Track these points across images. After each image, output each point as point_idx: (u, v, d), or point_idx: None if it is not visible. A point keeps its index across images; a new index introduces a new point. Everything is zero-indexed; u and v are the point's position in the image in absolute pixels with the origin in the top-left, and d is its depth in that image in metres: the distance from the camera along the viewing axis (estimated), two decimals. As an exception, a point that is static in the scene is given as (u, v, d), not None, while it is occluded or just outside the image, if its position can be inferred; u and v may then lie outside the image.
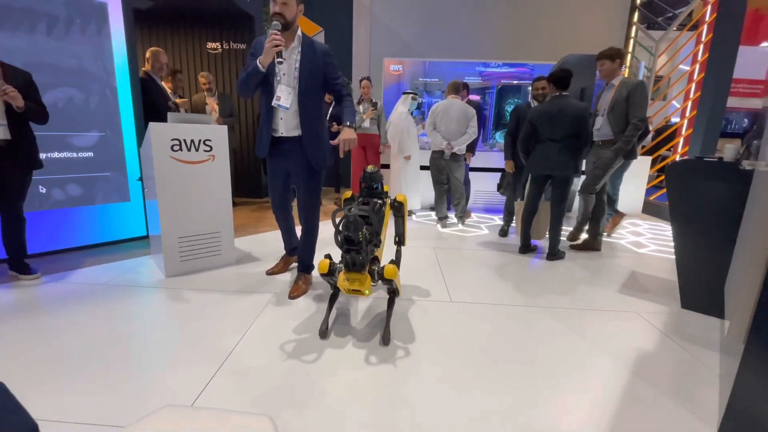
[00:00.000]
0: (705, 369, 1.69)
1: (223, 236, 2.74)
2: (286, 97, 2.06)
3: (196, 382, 1.50)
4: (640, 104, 3.01)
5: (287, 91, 2.06)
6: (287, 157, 2.20)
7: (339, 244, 1.68)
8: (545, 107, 3.12)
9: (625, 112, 3.07)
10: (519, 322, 2.07)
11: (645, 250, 3.56)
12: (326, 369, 1.60)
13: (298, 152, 2.17)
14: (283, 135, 2.14)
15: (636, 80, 3.09)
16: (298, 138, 2.15)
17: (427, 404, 1.41)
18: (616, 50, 3.17)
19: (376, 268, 1.76)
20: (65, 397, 1.40)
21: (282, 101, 2.05)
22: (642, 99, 3.01)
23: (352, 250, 1.68)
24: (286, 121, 2.12)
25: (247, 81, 2.01)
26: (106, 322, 1.95)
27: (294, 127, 2.14)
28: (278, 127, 2.13)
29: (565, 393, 1.50)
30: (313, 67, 2.09)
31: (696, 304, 2.27)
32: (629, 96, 3.03)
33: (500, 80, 5.93)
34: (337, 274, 1.77)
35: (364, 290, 1.69)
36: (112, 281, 2.46)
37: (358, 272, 1.72)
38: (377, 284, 1.81)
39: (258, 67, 1.96)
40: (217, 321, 1.98)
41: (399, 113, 4.56)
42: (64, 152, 2.86)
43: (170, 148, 2.43)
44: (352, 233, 1.63)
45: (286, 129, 2.13)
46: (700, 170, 2.16)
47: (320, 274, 1.78)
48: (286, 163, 2.22)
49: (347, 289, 1.71)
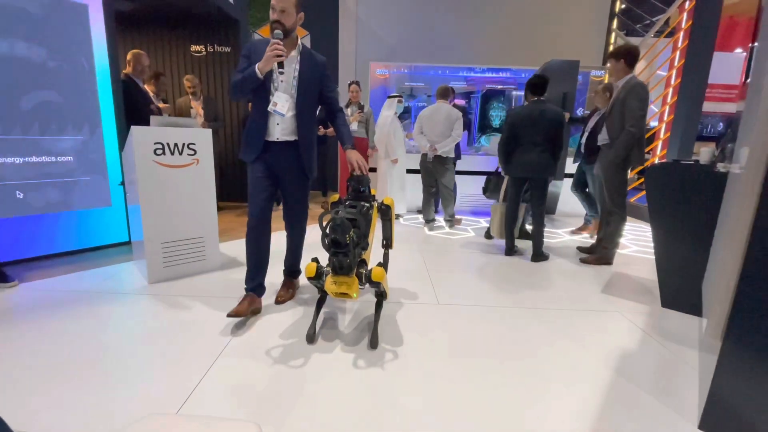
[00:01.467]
0: (685, 366, 1.74)
1: (207, 241, 2.71)
2: (282, 104, 2.03)
3: (181, 389, 1.47)
4: (635, 108, 2.78)
5: (284, 98, 2.03)
6: (279, 161, 2.14)
7: (326, 247, 1.67)
8: (525, 111, 3.18)
9: (621, 116, 2.87)
10: (505, 323, 2.09)
11: (626, 251, 3.64)
12: (314, 374, 1.59)
13: (292, 156, 2.13)
14: (278, 140, 2.09)
15: (635, 82, 2.84)
16: (293, 143, 2.11)
17: (415, 407, 1.41)
18: (623, 48, 2.91)
19: (363, 271, 1.76)
20: (45, 408, 1.35)
21: (278, 107, 2.02)
22: (638, 102, 2.77)
23: (339, 253, 1.67)
24: (283, 126, 2.08)
25: (242, 85, 1.98)
26: (87, 329, 1.90)
27: (290, 133, 2.10)
28: (273, 131, 2.08)
29: (549, 392, 1.52)
30: (312, 77, 2.08)
31: (675, 303, 2.33)
32: (625, 99, 2.83)
33: (485, 85, 6.01)
34: (324, 278, 1.76)
35: (351, 293, 1.69)
36: (94, 288, 2.40)
37: (346, 275, 1.71)
38: (365, 287, 1.81)
39: (256, 74, 1.92)
40: (202, 327, 1.95)
41: (385, 117, 4.59)
42: (42, 156, 2.79)
43: (153, 151, 2.39)
44: (339, 236, 1.63)
45: (281, 134, 2.09)
46: (677, 173, 2.23)
47: (307, 278, 1.77)
48: (277, 166, 2.14)
49: (334, 292, 1.70)
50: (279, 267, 2.41)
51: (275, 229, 2.22)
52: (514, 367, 1.69)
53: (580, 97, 5.73)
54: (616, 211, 3.04)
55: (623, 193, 3.04)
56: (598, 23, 6.44)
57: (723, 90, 7.19)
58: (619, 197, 3.03)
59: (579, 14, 6.35)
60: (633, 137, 2.82)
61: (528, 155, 3.18)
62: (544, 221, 3.26)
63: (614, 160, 2.91)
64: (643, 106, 2.79)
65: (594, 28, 6.43)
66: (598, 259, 3.18)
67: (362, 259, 1.80)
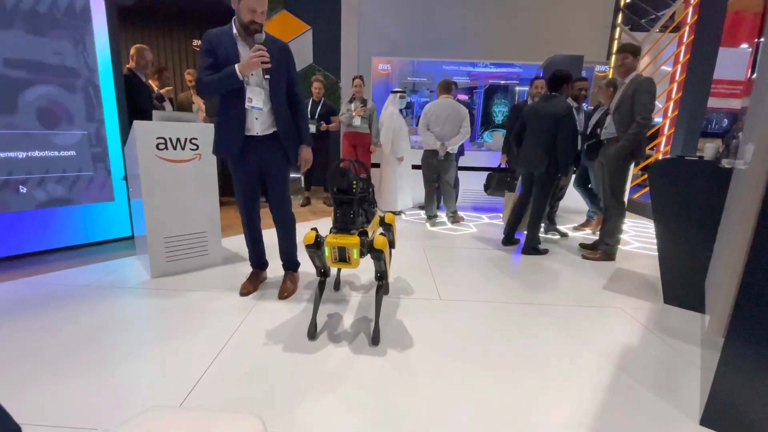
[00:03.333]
0: (686, 362, 1.74)
1: (210, 236, 2.71)
2: (257, 98, 2.01)
3: (183, 383, 1.48)
4: (645, 102, 2.83)
5: (258, 92, 2.00)
6: (261, 154, 2.13)
7: (332, 192, 1.70)
8: (534, 105, 3.21)
9: (630, 110, 2.90)
10: (507, 319, 2.09)
11: (629, 248, 3.63)
12: (315, 370, 1.60)
13: (274, 147, 2.13)
14: (258, 134, 2.08)
15: (643, 77, 2.89)
16: (273, 135, 2.12)
17: (417, 403, 1.41)
18: (628, 46, 2.99)
19: (365, 239, 1.73)
20: (49, 400, 1.37)
21: (254, 103, 2.00)
22: (647, 97, 2.82)
23: (344, 203, 1.67)
24: (262, 121, 2.07)
25: (218, 86, 1.95)
26: (90, 323, 1.91)
27: (270, 126, 2.10)
28: (253, 127, 2.07)
29: (551, 387, 1.52)
30: (279, 64, 2.05)
31: (678, 299, 2.33)
32: (635, 93, 2.87)
33: (488, 80, 5.97)
34: (323, 247, 1.73)
35: (352, 251, 1.65)
36: (97, 282, 2.41)
37: (347, 233, 1.70)
38: (366, 255, 1.77)
39: (236, 77, 1.91)
40: (205, 321, 1.96)
41: (390, 113, 4.57)
42: (45, 151, 2.79)
43: (155, 146, 2.39)
44: (344, 181, 1.65)
45: (261, 129, 2.08)
46: (681, 169, 2.22)
47: (306, 246, 1.74)
48: (259, 159, 2.14)
49: (334, 258, 1.68)
50: (278, 263, 2.42)
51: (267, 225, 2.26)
52: (516, 362, 1.69)
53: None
54: (614, 205, 3.06)
55: (623, 188, 3.06)
56: (603, 18, 6.37)
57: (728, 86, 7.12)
58: (619, 191, 3.04)
59: (583, 9, 6.28)
60: (642, 129, 2.86)
61: (527, 149, 3.23)
62: (540, 217, 3.27)
63: (621, 153, 2.93)
64: (653, 100, 2.84)
65: (598, 23, 6.37)
66: (600, 255, 3.18)
67: (364, 230, 1.78)
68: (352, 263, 1.69)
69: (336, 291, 2.39)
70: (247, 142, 2.09)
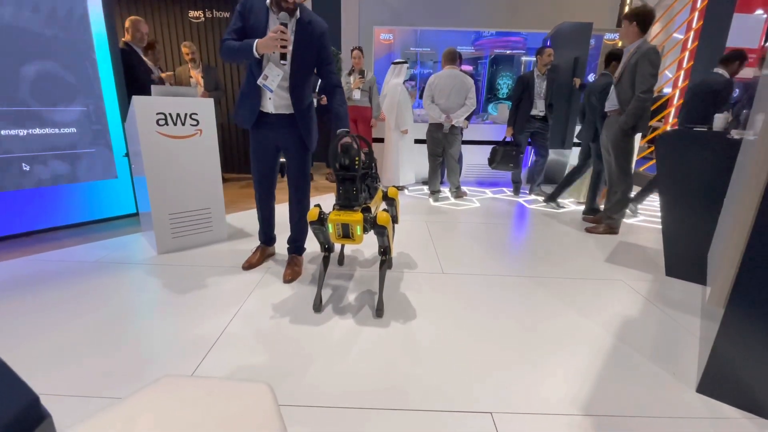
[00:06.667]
0: (686, 333, 1.77)
1: (213, 212, 2.73)
2: (273, 78, 1.92)
3: (194, 354, 1.52)
4: (646, 74, 2.69)
5: (276, 72, 1.92)
6: (277, 131, 2.09)
7: (334, 169, 1.70)
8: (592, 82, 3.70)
9: (632, 81, 2.78)
10: (510, 292, 2.12)
11: (633, 221, 3.62)
12: (322, 341, 1.64)
13: (291, 127, 2.08)
14: (272, 112, 2.04)
15: (648, 46, 2.74)
16: (290, 116, 2.06)
17: (421, 371, 1.45)
18: (636, 10, 2.80)
19: (368, 216, 1.73)
20: (62, 371, 1.42)
21: (268, 82, 1.92)
22: (648, 68, 2.68)
23: (346, 179, 1.68)
24: (276, 101, 2.02)
25: (235, 55, 1.89)
26: (100, 297, 1.96)
27: (285, 107, 2.04)
28: (266, 104, 2.03)
29: (552, 358, 1.56)
30: (308, 48, 1.95)
31: (680, 271, 2.34)
32: (636, 64, 2.73)
33: (493, 50, 5.81)
34: (327, 223, 1.73)
35: (355, 227, 1.66)
36: (104, 258, 2.45)
37: (350, 209, 1.71)
38: (369, 231, 1.77)
39: (253, 51, 1.82)
40: (212, 296, 2.00)
41: (393, 85, 4.47)
42: (45, 128, 2.78)
43: (156, 122, 2.37)
44: (347, 157, 1.65)
45: (275, 108, 2.03)
46: (689, 140, 2.18)
47: (309, 223, 1.76)
48: (276, 135, 2.10)
49: (338, 234, 1.69)
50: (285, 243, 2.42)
51: (280, 200, 2.23)
52: (517, 333, 1.72)
53: (592, 62, 5.54)
54: (620, 178, 3.03)
55: (630, 161, 3.01)
56: (614, -18, 6.12)
57: (741, 54, 6.89)
58: (626, 165, 3.00)
59: (593, -27, 6.03)
60: (643, 104, 2.75)
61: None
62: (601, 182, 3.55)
63: (623, 127, 2.86)
64: (655, 72, 2.71)
65: (609, -12, 6.12)
66: (603, 228, 3.18)
67: (367, 206, 1.78)
68: (356, 239, 1.71)
69: (340, 266, 2.41)
70: (263, 117, 2.06)
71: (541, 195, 4.46)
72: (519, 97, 4.22)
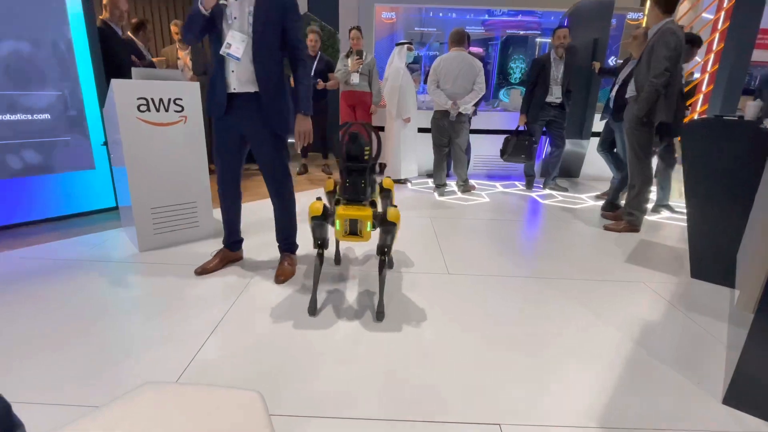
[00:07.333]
0: (712, 340, 1.77)
1: (200, 206, 2.73)
2: (237, 45, 1.89)
3: (179, 359, 1.53)
4: (660, 57, 2.68)
5: (239, 37, 1.89)
6: (241, 117, 2.03)
7: (342, 160, 1.71)
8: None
9: (648, 65, 2.79)
10: (521, 294, 2.12)
11: (655, 217, 3.62)
12: (317, 347, 1.64)
13: (254, 111, 2.01)
14: (236, 90, 1.99)
15: (669, 25, 2.73)
16: (254, 95, 2.00)
17: (424, 380, 1.46)
18: None
19: (376, 211, 1.73)
20: (39, 378, 1.43)
21: (232, 50, 1.89)
22: (663, 50, 2.68)
23: (354, 171, 1.66)
24: (239, 73, 1.96)
25: (189, 24, 1.88)
26: (77, 298, 1.96)
27: (248, 82, 1.98)
28: (230, 80, 1.98)
29: (567, 366, 1.56)
30: (270, 11, 1.92)
31: (706, 273, 2.34)
32: (653, 46, 2.73)
33: (505, 30, 5.78)
34: (332, 218, 1.72)
35: (366, 223, 1.64)
36: (81, 256, 2.46)
37: (359, 203, 1.70)
38: (376, 228, 1.76)
39: (199, 9, 1.81)
40: (198, 297, 2.00)
41: (395, 69, 4.45)
42: (17, 114, 2.77)
43: (137, 108, 2.37)
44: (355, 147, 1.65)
45: (238, 83, 1.98)
46: (718, 130, 2.17)
47: (312, 218, 1.74)
48: (240, 123, 2.05)
49: (345, 231, 1.66)
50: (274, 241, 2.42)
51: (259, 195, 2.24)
52: (528, 339, 1.73)
53: (613, 44, 5.51)
54: (640, 171, 3.03)
55: (648, 152, 3.02)
56: (638, -44, 6.06)
57: (777, 36, 6.84)
58: (642, 157, 3.01)
59: (616, -54, 5.97)
60: (655, 89, 2.75)
61: None
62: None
63: (637, 114, 2.86)
64: (671, 55, 2.69)
65: (632, -37, 6.07)
66: (623, 226, 3.18)
67: (373, 201, 1.78)
68: (364, 236, 1.68)
69: (337, 265, 2.42)
70: (229, 100, 2.01)
71: (557, 189, 4.46)
72: (533, 82, 4.20)
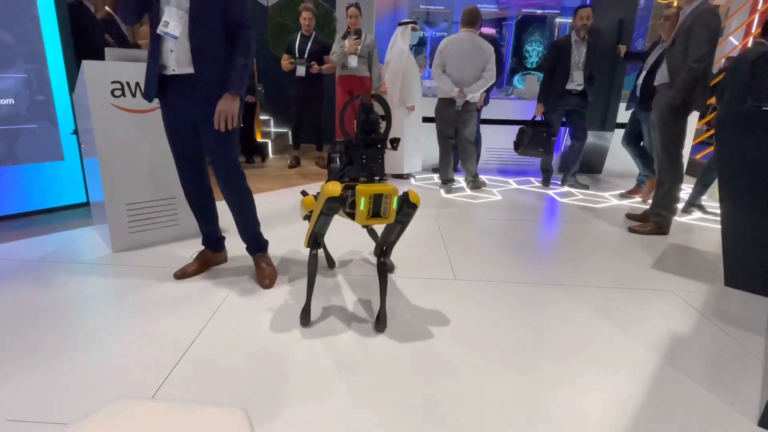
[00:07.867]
0: (747, 355, 1.77)
1: (180, 203, 2.72)
2: (176, 23, 1.88)
3: (154, 373, 1.53)
4: (701, 40, 2.68)
5: (177, 14, 1.88)
6: (184, 100, 2.01)
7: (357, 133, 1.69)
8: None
9: (684, 48, 2.78)
10: (535, 303, 2.12)
11: (686, 219, 3.62)
12: (310, 359, 1.64)
13: (196, 92, 1.99)
14: (176, 72, 1.97)
15: (707, 6, 2.73)
16: (192, 77, 1.98)
17: (430, 396, 1.46)
18: None
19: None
20: (1, 391, 1.43)
21: (170, 28, 1.88)
22: (704, 32, 2.68)
23: (371, 144, 1.64)
24: (178, 53, 1.94)
25: (123, 3, 1.88)
26: (43, 304, 1.96)
27: (187, 63, 1.96)
28: (167, 61, 1.97)
29: (587, 382, 1.56)
30: None
31: (743, 281, 2.34)
32: (691, 28, 2.73)
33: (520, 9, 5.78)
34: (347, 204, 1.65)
35: (392, 199, 1.56)
36: (48, 257, 2.46)
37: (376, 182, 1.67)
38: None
39: None
40: (177, 304, 2.01)
41: (398, 51, 4.45)
42: (-23, 98, 2.78)
43: (110, 92, 2.37)
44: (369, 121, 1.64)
45: (177, 64, 1.96)
46: (756, 122, 2.17)
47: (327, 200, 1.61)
48: (184, 105, 2.02)
49: (368, 212, 1.58)
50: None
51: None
52: (545, 352, 1.73)
53: (641, 25, 5.50)
54: (669, 167, 3.03)
55: (680, 146, 3.01)
56: (669, -72, 6.06)
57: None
58: (674, 151, 3.00)
59: None
60: (695, 75, 2.74)
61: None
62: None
63: (672, 103, 2.86)
64: (711, 37, 2.70)
65: (663, -65, 6.07)
66: (650, 228, 3.18)
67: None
68: (389, 216, 1.62)
69: (331, 269, 2.42)
70: (166, 83, 2.00)
71: (577, 186, 4.46)
72: (552, 68, 4.20)
